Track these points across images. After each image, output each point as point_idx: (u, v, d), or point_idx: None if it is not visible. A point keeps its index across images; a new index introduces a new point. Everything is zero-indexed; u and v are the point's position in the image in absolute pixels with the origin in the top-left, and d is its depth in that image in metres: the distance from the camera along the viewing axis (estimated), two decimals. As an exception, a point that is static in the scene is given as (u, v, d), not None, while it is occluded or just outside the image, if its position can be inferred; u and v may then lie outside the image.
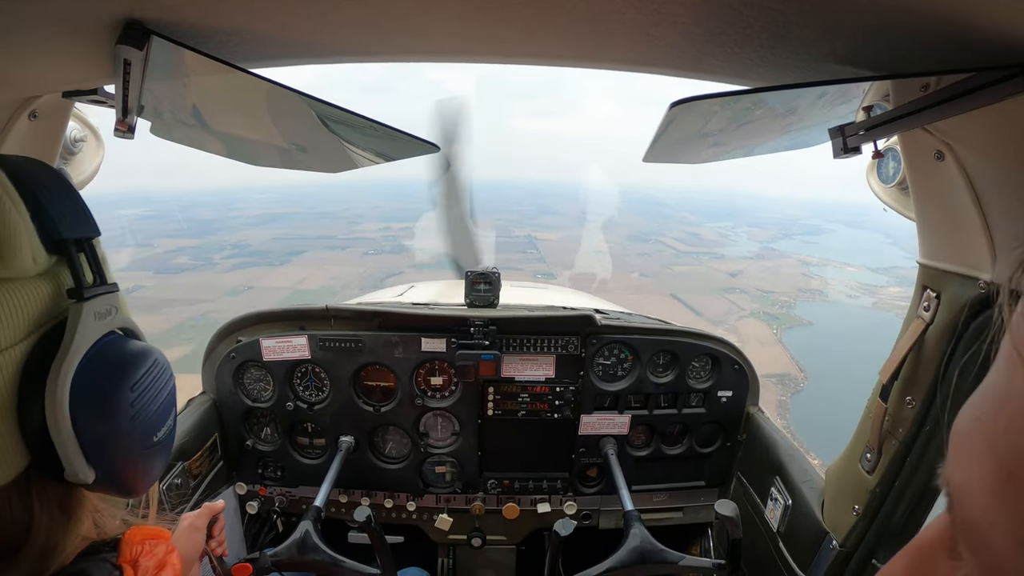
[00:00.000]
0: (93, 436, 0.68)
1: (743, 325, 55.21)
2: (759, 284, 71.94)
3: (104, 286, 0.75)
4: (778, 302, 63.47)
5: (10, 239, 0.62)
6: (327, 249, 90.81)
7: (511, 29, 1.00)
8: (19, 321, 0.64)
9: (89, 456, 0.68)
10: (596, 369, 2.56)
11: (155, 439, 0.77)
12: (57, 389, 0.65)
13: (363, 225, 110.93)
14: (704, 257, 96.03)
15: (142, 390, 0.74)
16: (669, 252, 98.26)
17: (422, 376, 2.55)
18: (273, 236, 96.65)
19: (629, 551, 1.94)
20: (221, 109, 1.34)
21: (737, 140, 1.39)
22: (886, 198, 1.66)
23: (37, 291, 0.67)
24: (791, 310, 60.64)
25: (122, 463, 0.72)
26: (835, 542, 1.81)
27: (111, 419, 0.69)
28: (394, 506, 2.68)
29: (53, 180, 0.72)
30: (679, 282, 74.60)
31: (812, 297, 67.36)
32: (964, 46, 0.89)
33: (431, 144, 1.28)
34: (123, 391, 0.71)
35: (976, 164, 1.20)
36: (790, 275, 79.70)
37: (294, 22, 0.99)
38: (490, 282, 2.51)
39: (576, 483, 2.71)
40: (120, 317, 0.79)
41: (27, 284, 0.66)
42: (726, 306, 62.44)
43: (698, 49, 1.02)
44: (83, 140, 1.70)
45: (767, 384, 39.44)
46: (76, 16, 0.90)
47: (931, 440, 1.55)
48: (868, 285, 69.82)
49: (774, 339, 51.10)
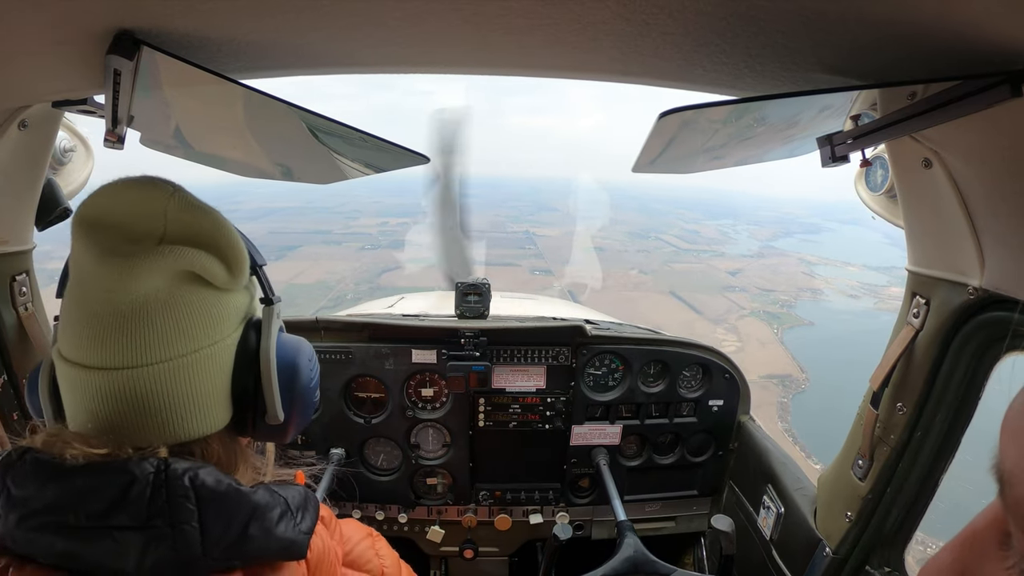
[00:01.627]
0: (289, 392, 0.95)
1: (743, 324, 54.69)
2: (759, 283, 71.42)
3: (276, 297, 0.99)
4: (779, 301, 62.83)
5: (240, 264, 0.88)
6: (323, 244, 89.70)
7: (501, 41, 1.00)
8: (235, 318, 0.90)
9: (284, 405, 0.94)
10: (587, 379, 2.56)
11: (315, 401, 1.04)
12: (270, 359, 0.92)
13: (361, 220, 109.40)
14: (704, 255, 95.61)
15: (311, 365, 1.01)
16: (669, 250, 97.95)
17: (413, 388, 2.53)
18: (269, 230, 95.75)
19: (622, 561, 1.94)
20: (211, 120, 1.34)
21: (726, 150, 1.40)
22: (875, 206, 1.68)
23: (244, 299, 0.93)
24: (792, 309, 60.06)
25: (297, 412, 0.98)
26: (828, 549, 1.81)
27: (297, 383, 0.97)
28: (385, 518, 2.66)
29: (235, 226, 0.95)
30: (678, 280, 74.33)
31: (813, 297, 66.64)
32: (951, 55, 0.90)
33: (421, 156, 1.28)
34: (303, 364, 0.98)
35: (964, 171, 1.21)
36: (791, 274, 79.37)
37: (285, 33, 1.00)
38: (480, 293, 2.51)
39: (568, 494, 2.70)
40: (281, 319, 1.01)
41: (239, 294, 0.92)
42: (726, 304, 61.95)
43: (686, 59, 1.03)
44: (73, 150, 1.69)
45: (767, 385, 39.00)
46: (66, 26, 0.90)
47: (922, 446, 1.56)
48: (869, 285, 69.20)
49: (775, 339, 50.60)
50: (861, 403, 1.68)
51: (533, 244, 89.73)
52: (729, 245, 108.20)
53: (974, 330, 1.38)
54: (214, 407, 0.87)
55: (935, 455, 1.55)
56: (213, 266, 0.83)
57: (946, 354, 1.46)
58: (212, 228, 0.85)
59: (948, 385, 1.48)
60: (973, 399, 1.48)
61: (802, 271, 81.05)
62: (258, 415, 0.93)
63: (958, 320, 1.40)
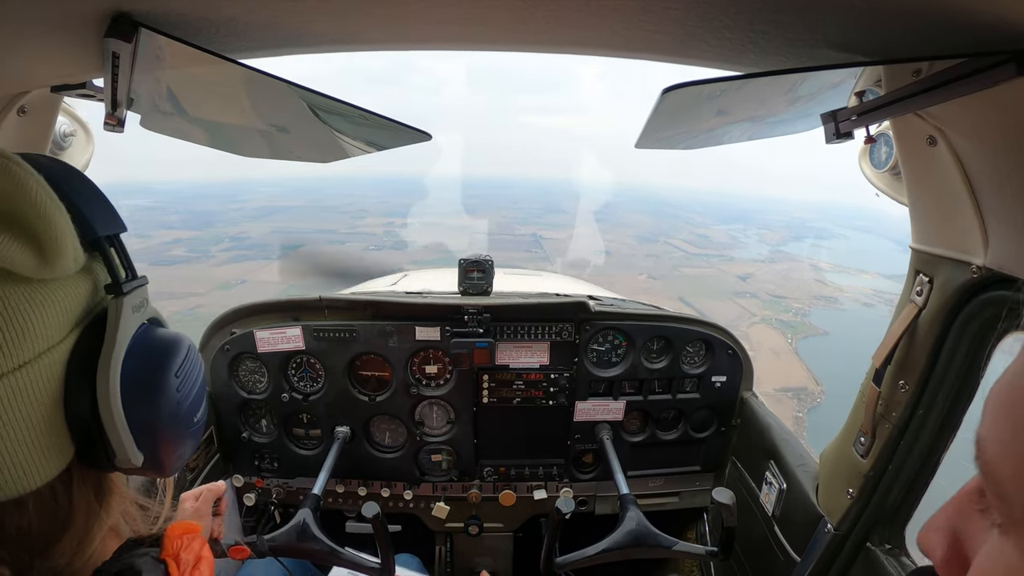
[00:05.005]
0: (143, 421, 0.70)
1: (755, 332, 52.82)
2: (771, 288, 70.03)
3: (137, 280, 0.76)
4: (792, 309, 60.95)
5: (57, 242, 0.63)
6: (327, 243, 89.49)
7: (502, 16, 0.99)
8: (62, 319, 0.66)
9: (139, 440, 0.70)
10: (590, 355, 2.57)
11: (195, 420, 0.80)
12: (109, 379, 0.67)
13: (366, 220, 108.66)
14: (714, 259, 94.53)
15: (184, 375, 0.77)
16: (678, 254, 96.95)
17: (417, 365, 2.55)
18: (272, 229, 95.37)
19: (625, 533, 1.96)
20: (211, 101, 1.33)
21: (729, 126, 1.39)
22: (878, 183, 1.67)
23: (77, 288, 0.69)
24: (806, 318, 58.09)
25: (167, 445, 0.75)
26: (830, 526, 1.83)
27: (160, 404, 0.72)
28: (391, 495, 2.70)
29: (81, 180, 0.73)
30: (688, 284, 73.31)
31: (828, 305, 64.64)
32: (956, 32, 0.89)
33: (423, 133, 1.27)
34: (169, 377, 0.74)
35: (968, 149, 1.20)
36: (803, 280, 77.80)
37: (284, 11, 0.99)
38: (483, 270, 2.52)
39: (572, 469, 2.73)
40: (151, 308, 0.80)
41: (67, 283, 0.67)
42: (736, 311, 60.40)
43: (689, 35, 1.02)
44: (72, 135, 1.69)
45: (782, 399, 37.21)
46: (64, 10, 0.89)
47: (924, 424, 1.56)
48: (884, 293, 66.44)
49: (789, 349, 48.56)
50: (863, 380, 1.68)
51: (540, 247, 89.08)
52: (739, 250, 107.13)
53: (977, 309, 1.38)
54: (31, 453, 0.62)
55: (937, 433, 1.56)
56: (12, 249, 0.60)
57: (949, 332, 1.46)
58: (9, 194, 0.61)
59: (950, 363, 1.48)
60: (975, 378, 1.48)
61: (815, 278, 79.40)
62: (108, 456, 0.69)
63: (961, 299, 1.40)
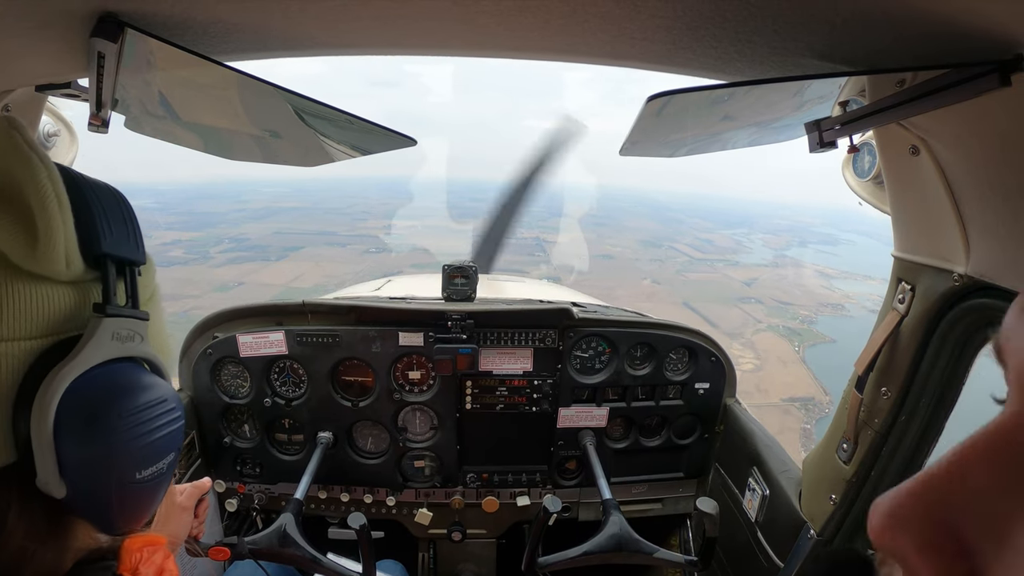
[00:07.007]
0: (70, 450, 0.65)
1: (760, 339, 51.26)
2: (776, 295, 68.88)
3: (132, 310, 0.74)
4: (798, 316, 59.03)
5: (46, 234, 0.62)
6: (327, 245, 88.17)
7: (489, 22, 0.99)
8: (35, 318, 0.65)
9: (63, 469, 0.65)
10: (574, 362, 2.57)
11: (137, 476, 0.72)
12: (48, 392, 0.64)
13: (368, 222, 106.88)
14: (718, 264, 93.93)
15: (133, 422, 0.71)
16: (682, 259, 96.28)
17: (400, 370, 2.54)
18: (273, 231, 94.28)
19: (607, 537, 1.96)
20: (197, 103, 1.32)
21: (714, 134, 1.40)
22: (861, 192, 1.69)
23: (63, 296, 0.68)
24: (813, 325, 56.31)
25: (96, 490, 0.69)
26: (813, 532, 1.84)
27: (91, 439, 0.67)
28: (373, 501, 2.68)
29: (114, 201, 0.74)
30: (692, 290, 72.73)
31: (835, 312, 62.70)
32: (940, 42, 0.90)
33: (408, 138, 1.27)
34: (111, 415, 0.69)
35: (951, 159, 1.22)
36: (809, 286, 76.74)
37: (271, 15, 0.98)
38: (467, 276, 2.52)
39: (555, 476, 2.73)
40: (143, 347, 0.77)
41: (55, 286, 0.67)
42: (741, 317, 59.28)
43: (675, 43, 1.03)
44: (57, 135, 1.67)
45: (790, 409, 35.54)
46: (49, 8, 0.88)
47: (907, 430, 1.58)
48: None
49: (796, 357, 46.54)
50: (846, 387, 1.70)
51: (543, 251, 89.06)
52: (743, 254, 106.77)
53: (959, 316, 1.40)
54: None
55: (919, 439, 1.58)
56: (3, 227, 0.60)
57: (931, 340, 1.47)
58: (17, 174, 0.61)
59: (932, 370, 1.50)
60: (957, 385, 1.50)
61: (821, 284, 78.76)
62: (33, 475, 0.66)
63: (943, 306, 1.42)
